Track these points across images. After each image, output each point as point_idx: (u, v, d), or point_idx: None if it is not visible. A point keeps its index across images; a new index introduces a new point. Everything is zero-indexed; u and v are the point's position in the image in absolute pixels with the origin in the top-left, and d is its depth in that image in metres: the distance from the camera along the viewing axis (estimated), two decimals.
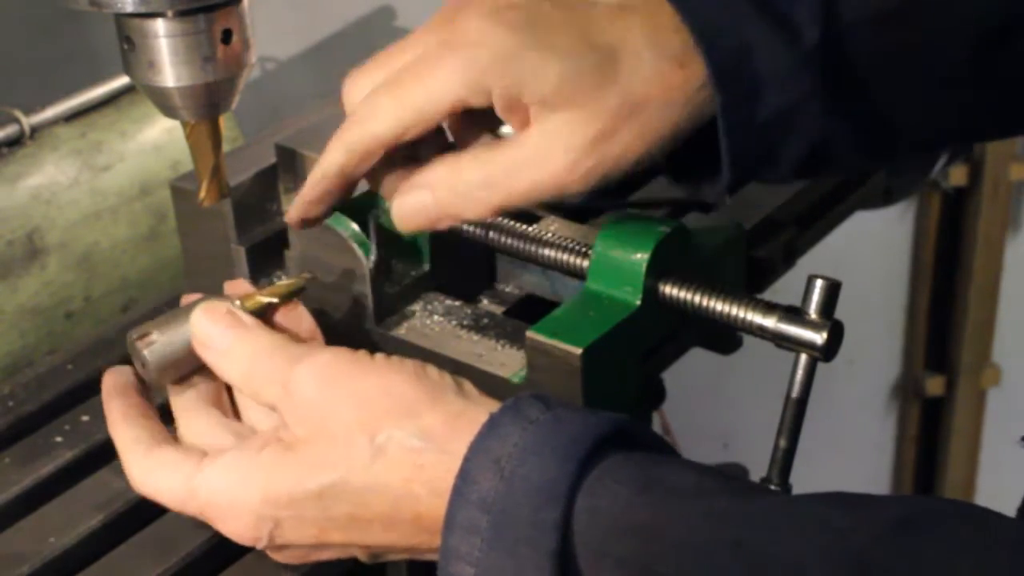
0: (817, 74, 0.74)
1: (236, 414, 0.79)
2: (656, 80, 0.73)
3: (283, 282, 0.81)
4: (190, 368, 0.79)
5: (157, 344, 0.78)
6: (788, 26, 0.74)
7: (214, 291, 0.83)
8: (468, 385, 0.74)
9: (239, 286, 0.83)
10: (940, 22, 0.77)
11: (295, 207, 0.80)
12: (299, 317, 0.80)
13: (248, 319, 0.77)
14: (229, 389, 0.80)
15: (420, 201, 0.77)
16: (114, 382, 0.80)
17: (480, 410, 0.71)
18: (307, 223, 0.80)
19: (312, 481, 0.71)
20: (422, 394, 0.71)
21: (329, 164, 0.77)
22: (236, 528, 0.73)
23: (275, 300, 0.80)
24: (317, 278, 0.84)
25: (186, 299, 0.82)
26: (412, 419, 0.71)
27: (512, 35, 0.73)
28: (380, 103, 0.75)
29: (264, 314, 0.79)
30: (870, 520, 0.63)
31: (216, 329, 0.77)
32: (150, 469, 0.76)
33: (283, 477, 0.72)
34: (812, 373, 0.76)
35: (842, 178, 1.08)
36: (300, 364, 0.73)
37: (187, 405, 0.79)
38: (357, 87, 0.77)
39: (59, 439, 0.90)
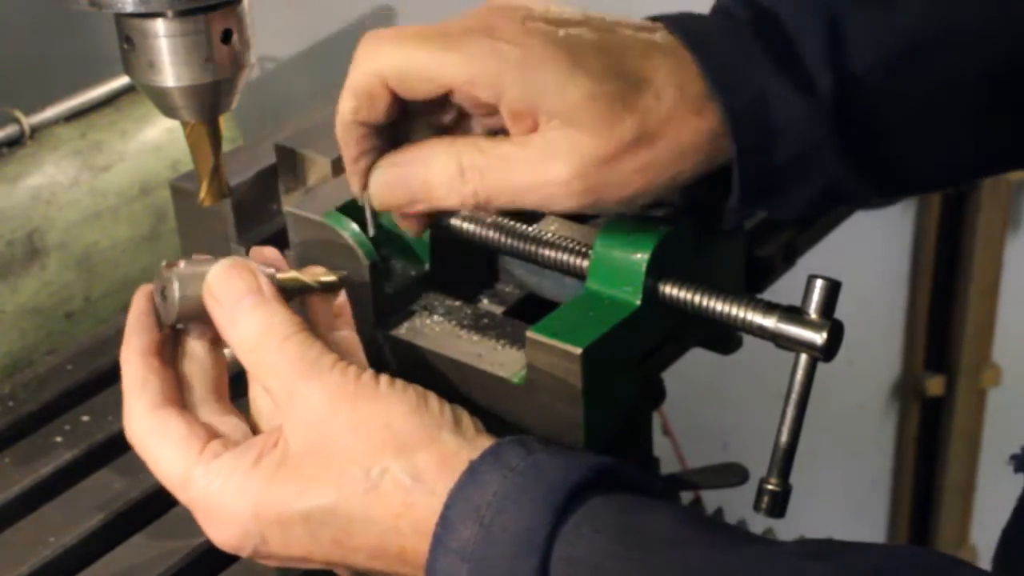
0: (831, 120, 0.75)
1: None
2: (671, 121, 0.74)
3: (321, 274, 0.80)
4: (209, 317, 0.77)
5: (184, 279, 0.75)
6: (802, 74, 0.75)
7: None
8: (466, 419, 0.73)
9: (265, 252, 0.81)
10: (952, 63, 0.77)
11: (349, 176, 0.78)
12: (337, 302, 0.80)
13: (268, 289, 0.75)
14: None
15: (406, 174, 0.76)
16: (143, 309, 0.77)
17: (473, 451, 0.71)
18: (364, 187, 0.79)
19: (302, 502, 0.71)
20: (420, 430, 0.71)
21: (340, 113, 0.76)
22: (222, 536, 0.73)
23: (309, 284, 0.79)
24: (350, 280, 0.82)
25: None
26: (407, 455, 0.70)
27: (547, 44, 0.73)
28: (387, 43, 0.74)
29: (296, 292, 0.78)
30: (846, 571, 0.63)
31: (233, 288, 0.74)
32: (153, 429, 0.75)
33: (275, 493, 0.72)
34: (812, 373, 0.76)
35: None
36: (309, 380, 0.72)
37: (193, 376, 0.78)
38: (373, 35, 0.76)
39: (59, 439, 0.90)
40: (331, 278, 0.80)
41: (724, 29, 0.76)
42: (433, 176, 0.76)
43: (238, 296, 0.74)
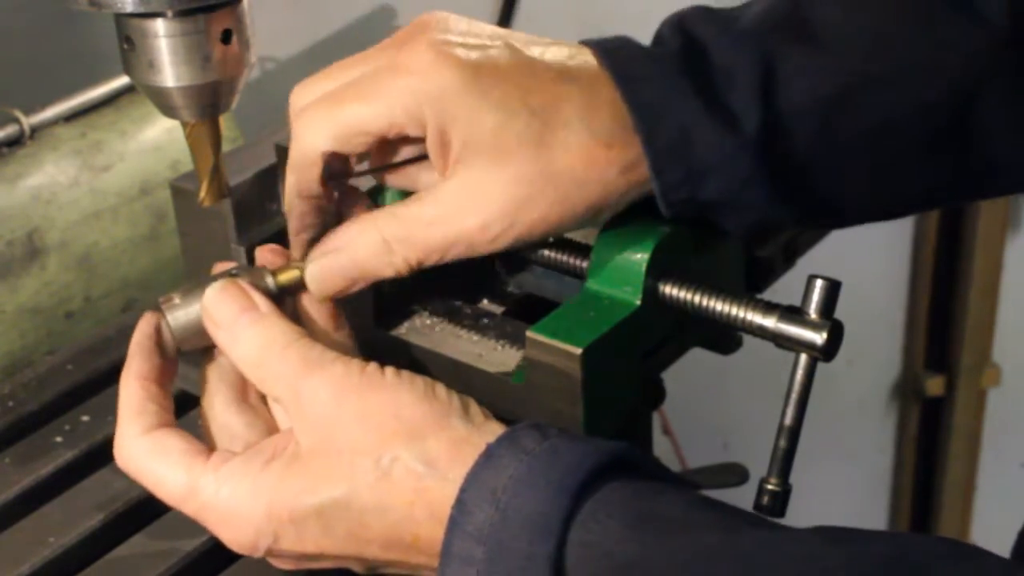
0: (758, 160, 0.76)
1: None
2: (580, 155, 0.74)
3: None
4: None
5: (179, 310, 0.77)
6: (727, 113, 0.75)
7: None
8: (474, 407, 0.73)
9: (272, 252, 0.81)
10: (884, 105, 0.77)
11: (293, 247, 0.80)
12: (330, 309, 0.79)
13: (264, 304, 0.76)
14: None
15: (336, 262, 0.77)
16: (147, 333, 0.78)
17: (484, 436, 0.71)
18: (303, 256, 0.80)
19: (314, 496, 0.71)
20: (429, 417, 0.71)
21: (287, 190, 0.78)
22: (235, 537, 0.73)
23: None
24: None
25: (220, 266, 0.80)
26: (418, 442, 0.71)
27: (456, 72, 0.74)
28: (316, 118, 0.76)
29: (296, 287, 0.78)
30: (860, 558, 0.63)
31: (228, 309, 0.76)
32: (149, 449, 0.74)
33: (286, 491, 0.72)
34: (812, 373, 0.76)
35: None
36: (314, 376, 0.73)
37: (212, 382, 0.78)
38: (302, 97, 0.78)
39: (59, 439, 0.90)
40: None
41: (653, 61, 0.76)
42: (361, 257, 0.77)
43: (235, 316, 0.75)
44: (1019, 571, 0.64)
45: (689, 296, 0.80)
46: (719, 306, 0.79)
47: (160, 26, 0.77)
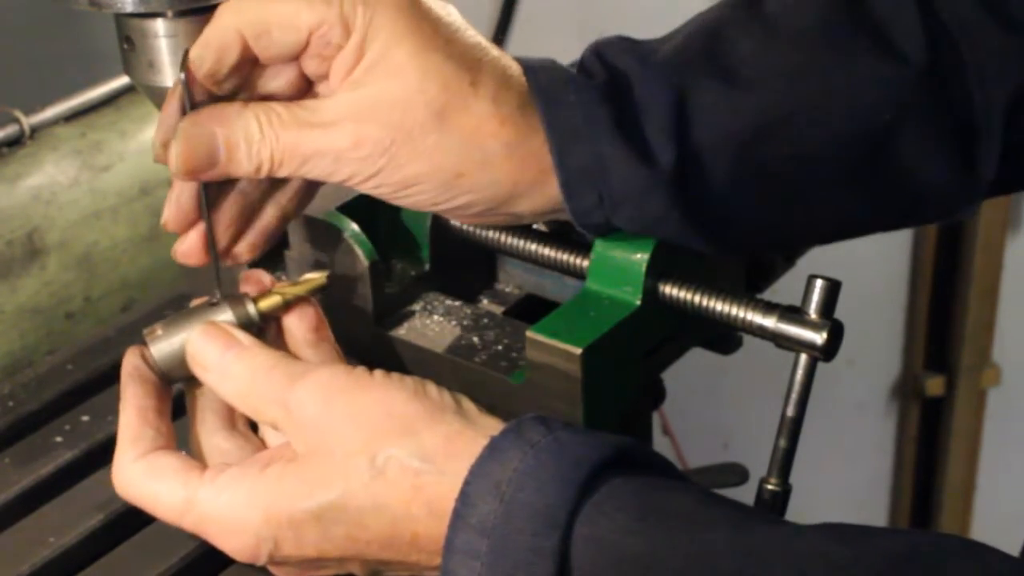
0: (672, 195, 0.76)
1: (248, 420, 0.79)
2: (473, 115, 0.74)
3: (303, 279, 0.80)
4: None
5: (162, 343, 0.77)
6: (643, 146, 0.75)
7: (223, 285, 0.81)
8: (467, 403, 0.73)
9: (256, 277, 0.81)
10: (802, 141, 0.77)
11: (158, 128, 0.76)
12: (306, 308, 0.79)
13: (245, 338, 0.76)
14: None
15: (205, 132, 0.74)
16: (134, 364, 0.78)
17: (479, 430, 0.70)
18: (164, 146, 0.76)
19: (311, 500, 0.71)
20: (422, 413, 0.71)
21: (189, 58, 0.75)
22: (235, 546, 0.73)
23: (291, 299, 0.79)
24: (333, 276, 0.82)
25: (196, 302, 0.80)
26: (411, 438, 0.70)
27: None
28: (243, 3, 0.74)
29: (277, 313, 0.78)
30: (869, 555, 0.63)
31: (212, 350, 0.76)
32: (144, 472, 0.75)
33: (283, 495, 0.71)
34: (812, 373, 0.76)
35: None
36: (299, 383, 0.73)
37: (199, 409, 0.78)
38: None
39: (59, 439, 0.90)
40: (318, 280, 0.79)
41: (577, 88, 0.76)
42: (233, 134, 0.75)
43: (220, 355, 0.75)
44: None
45: (689, 296, 0.80)
46: (719, 306, 0.79)
47: (160, 26, 0.77)
